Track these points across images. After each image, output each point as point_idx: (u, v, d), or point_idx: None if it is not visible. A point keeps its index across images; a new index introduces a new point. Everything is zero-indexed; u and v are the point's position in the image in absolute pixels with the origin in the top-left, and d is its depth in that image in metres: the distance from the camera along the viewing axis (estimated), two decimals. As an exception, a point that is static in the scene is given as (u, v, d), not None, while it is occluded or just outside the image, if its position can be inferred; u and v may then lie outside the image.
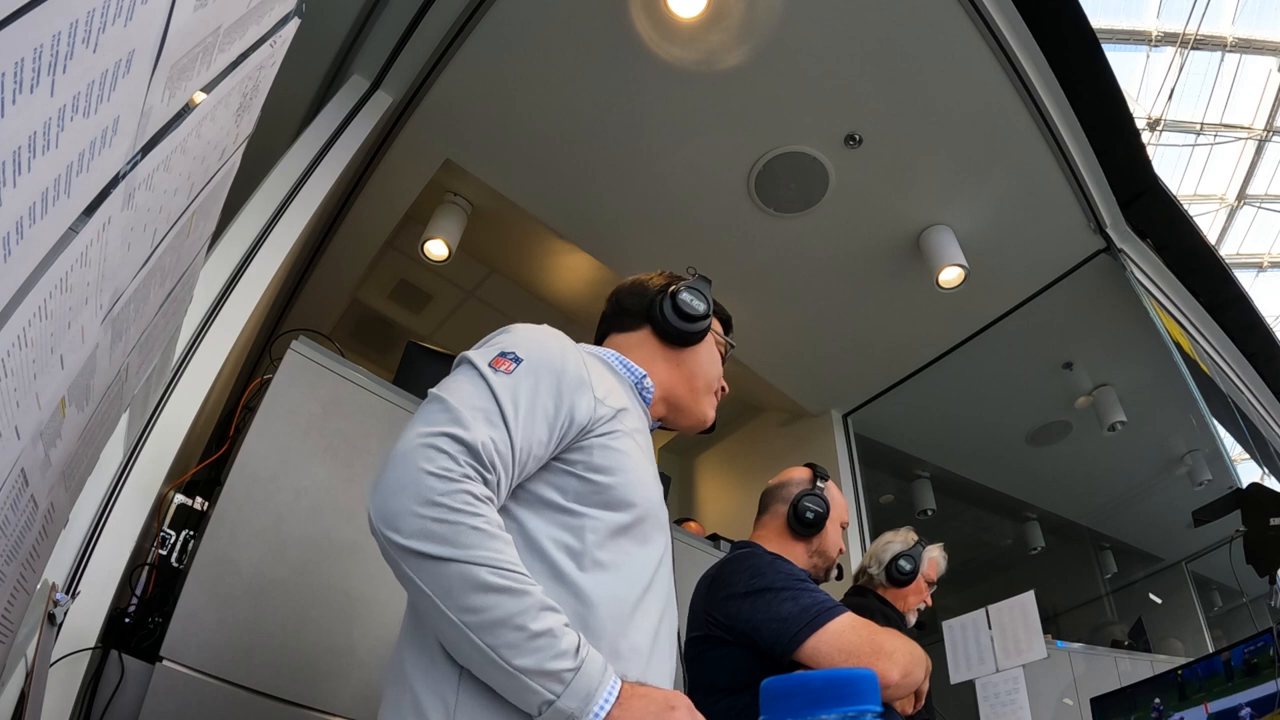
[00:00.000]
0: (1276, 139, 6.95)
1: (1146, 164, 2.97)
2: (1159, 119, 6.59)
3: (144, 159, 0.61)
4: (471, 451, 0.76)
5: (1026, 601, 2.17)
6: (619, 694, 0.73)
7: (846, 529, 1.61)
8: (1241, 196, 7.42)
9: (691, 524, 3.16)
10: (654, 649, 0.85)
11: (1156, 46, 6.32)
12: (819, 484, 1.53)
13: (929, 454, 4.50)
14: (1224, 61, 6.49)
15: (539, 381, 0.85)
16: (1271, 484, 3.71)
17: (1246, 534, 1.90)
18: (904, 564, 2.03)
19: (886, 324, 3.40)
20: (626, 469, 0.88)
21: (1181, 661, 1.78)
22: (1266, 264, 8.04)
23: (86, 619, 1.25)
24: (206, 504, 1.51)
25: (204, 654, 1.29)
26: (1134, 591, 4.89)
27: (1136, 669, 3.12)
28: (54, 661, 1.13)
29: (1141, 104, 6.42)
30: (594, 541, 0.84)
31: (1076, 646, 3.16)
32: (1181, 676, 1.68)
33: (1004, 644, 2.17)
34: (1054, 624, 4.18)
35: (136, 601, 1.39)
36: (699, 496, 4.33)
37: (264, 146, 1.33)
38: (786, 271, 3.16)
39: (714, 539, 2.72)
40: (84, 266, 0.56)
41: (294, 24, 0.89)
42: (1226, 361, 3.85)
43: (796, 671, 0.62)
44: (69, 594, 1.15)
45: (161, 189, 0.69)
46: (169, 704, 1.24)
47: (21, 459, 0.58)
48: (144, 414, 1.47)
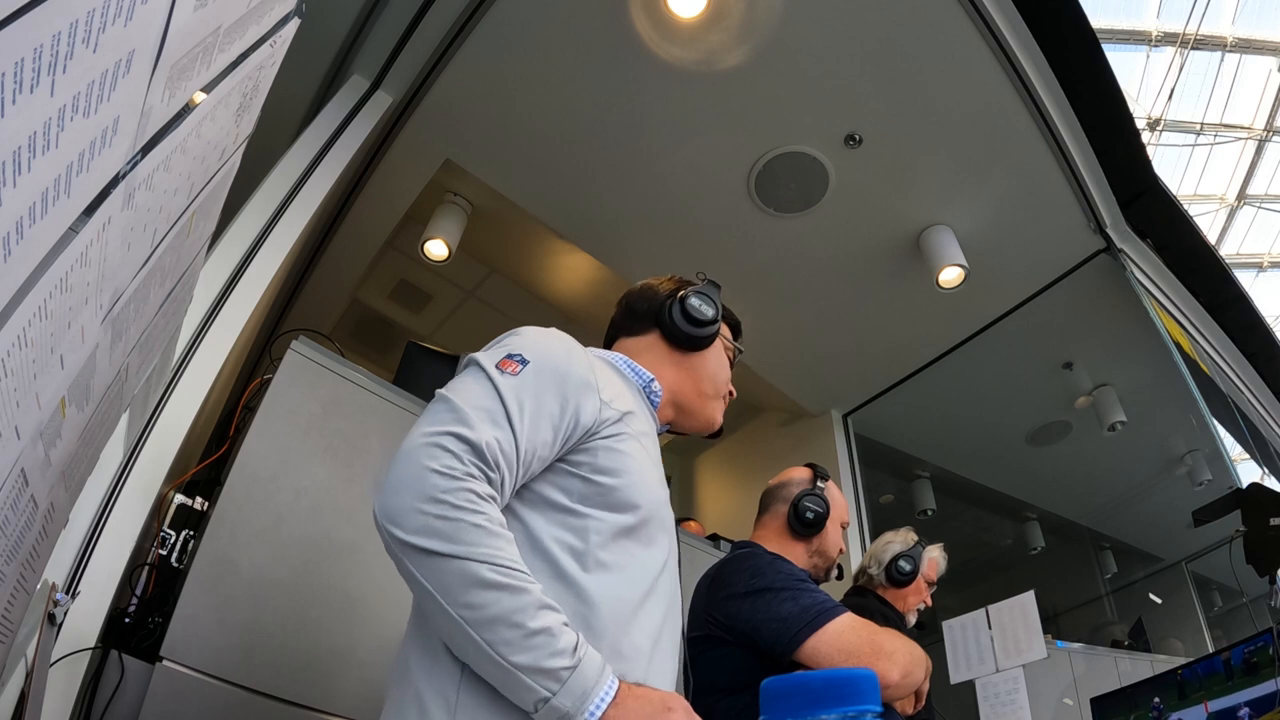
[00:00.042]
0: (1276, 139, 6.95)
1: (1146, 164, 2.97)
2: (1159, 119, 6.59)
3: (144, 159, 0.61)
4: (476, 451, 0.77)
5: (1026, 601, 2.17)
6: (616, 694, 0.74)
7: (846, 529, 1.61)
8: (1241, 196, 7.42)
9: (691, 524, 3.16)
10: (656, 650, 0.85)
11: (1156, 46, 6.32)
12: (819, 484, 1.53)
13: (929, 454, 4.50)
14: (1224, 61, 6.49)
15: (544, 383, 0.85)
16: (1271, 484, 3.71)
17: (1246, 534, 1.90)
18: (904, 564, 2.03)
19: (886, 324, 3.40)
20: (631, 471, 0.89)
21: (1181, 661, 1.78)
22: (1266, 264, 8.04)
23: (86, 619, 1.25)
24: (206, 504, 1.51)
25: (204, 654, 1.30)
26: (1134, 591, 4.89)
27: (1136, 669, 3.12)
28: (54, 661, 1.13)
29: (1141, 104, 6.42)
30: (597, 542, 0.84)
31: (1076, 646, 3.16)
32: (1181, 676, 1.68)
33: (1004, 644, 2.17)
34: (1054, 624, 4.18)
35: (136, 601, 1.39)
36: (699, 496, 4.33)
37: (264, 146, 1.33)
38: (786, 271, 3.16)
39: (714, 539, 2.72)
40: (84, 266, 0.56)
41: (294, 24, 0.89)
42: (1226, 361, 3.85)
43: (796, 671, 0.62)
44: (69, 594, 1.15)
45: (161, 189, 0.69)
46: (169, 704, 1.24)
47: (21, 459, 0.58)
48: (144, 414, 1.47)
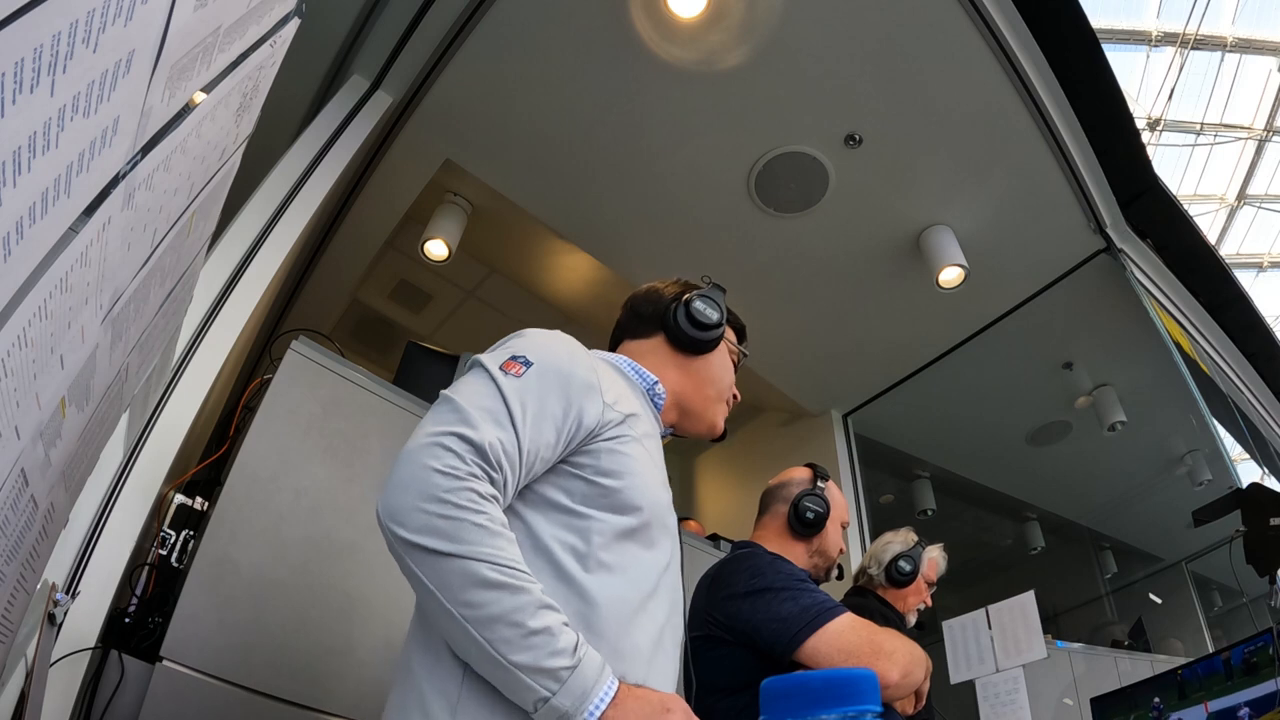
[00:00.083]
0: (1276, 139, 6.95)
1: (1146, 164, 2.97)
2: (1159, 119, 6.59)
3: (144, 159, 0.61)
4: (479, 451, 0.77)
5: (1026, 601, 2.17)
6: (615, 695, 0.74)
7: (847, 529, 1.61)
8: (1241, 196, 7.42)
9: (691, 523, 3.17)
10: (656, 651, 0.86)
11: (1156, 46, 6.32)
12: (819, 484, 1.53)
13: (929, 454, 4.50)
14: (1224, 61, 6.49)
15: (548, 385, 0.86)
16: (1271, 484, 3.71)
17: (1246, 534, 1.90)
18: (904, 565, 2.03)
19: (886, 324, 3.39)
20: (634, 473, 0.89)
21: (1181, 661, 1.78)
22: (1266, 264, 8.04)
23: (86, 619, 1.25)
24: (206, 504, 1.51)
25: (204, 654, 1.30)
26: (1134, 591, 4.89)
27: (1136, 669, 3.12)
28: (54, 661, 1.13)
29: (1141, 104, 6.42)
30: (599, 543, 0.84)
31: (1076, 646, 3.16)
32: (1181, 676, 1.68)
33: (1004, 644, 2.17)
34: (1054, 624, 4.18)
35: (136, 601, 1.39)
36: (699, 496, 4.33)
37: (264, 146, 1.33)
38: (786, 271, 3.16)
39: (714, 539, 2.72)
40: (84, 266, 0.56)
41: (294, 24, 0.89)
42: (1226, 361, 3.85)
43: (796, 671, 0.62)
44: (69, 594, 1.15)
45: (161, 189, 0.69)
46: (169, 704, 1.24)
47: (21, 459, 0.58)
48: (144, 414, 1.47)
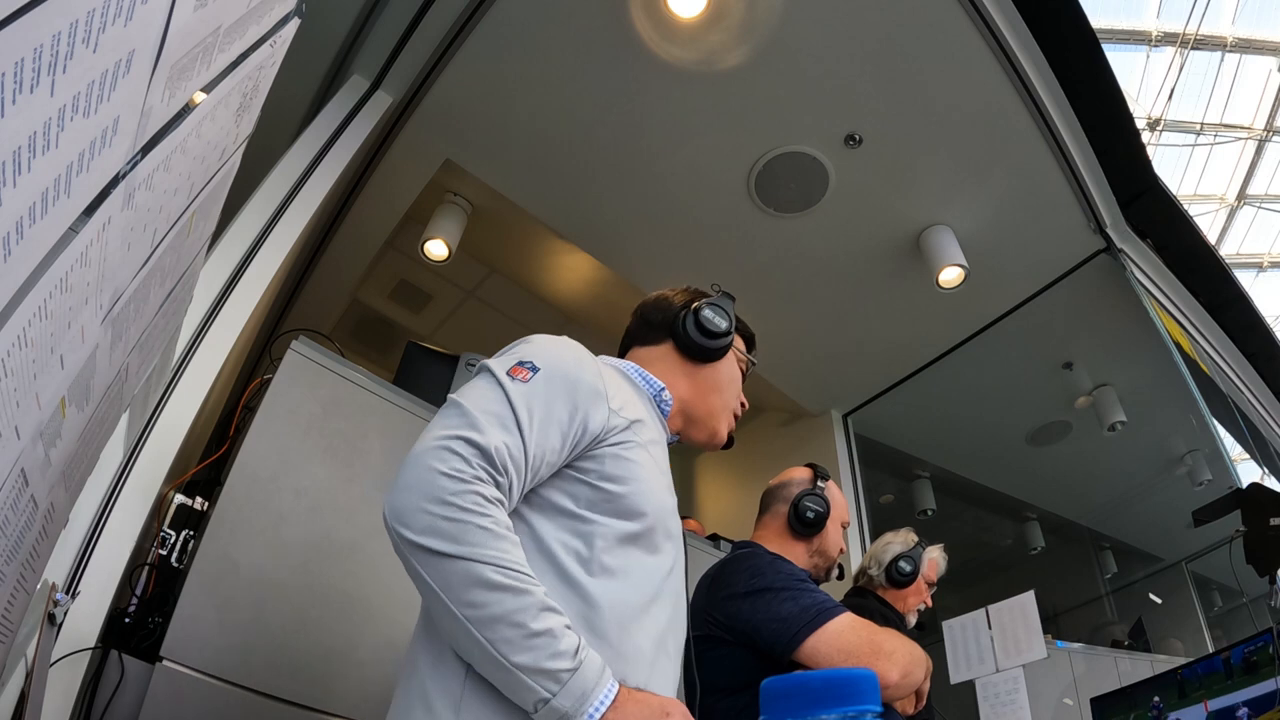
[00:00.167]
0: (1276, 139, 6.95)
1: (1146, 164, 2.96)
2: (1159, 119, 6.59)
3: (144, 159, 0.61)
4: (484, 455, 0.78)
5: (1026, 601, 2.17)
6: (615, 697, 0.75)
7: (847, 529, 1.61)
8: (1241, 196, 7.42)
9: (691, 522, 3.17)
10: (658, 654, 0.86)
11: (1156, 46, 6.32)
12: (819, 484, 1.53)
13: (929, 454, 4.50)
14: (1224, 61, 6.49)
15: (554, 391, 0.86)
16: (1271, 484, 3.71)
17: (1246, 534, 1.90)
18: (904, 565, 2.03)
19: (886, 324, 3.39)
20: (638, 479, 0.90)
21: (1181, 661, 1.78)
22: (1266, 264, 8.05)
23: (86, 619, 1.25)
24: (206, 504, 1.51)
25: (204, 654, 1.30)
26: (1134, 591, 4.89)
27: (1136, 669, 3.12)
28: (54, 661, 1.13)
29: (1141, 104, 6.43)
30: (603, 547, 0.85)
31: (1076, 646, 3.16)
32: (1181, 676, 1.68)
33: (1004, 644, 2.17)
34: (1054, 624, 4.18)
35: (136, 601, 1.39)
36: (699, 496, 4.33)
37: (264, 146, 1.33)
38: (786, 271, 3.16)
39: (714, 539, 2.72)
40: (84, 266, 0.56)
41: (294, 24, 0.89)
42: (1226, 361, 3.85)
43: (796, 671, 0.62)
44: (69, 594, 1.15)
45: (161, 189, 0.69)
46: (169, 704, 1.24)
47: (21, 459, 0.58)
48: (144, 414, 1.47)
